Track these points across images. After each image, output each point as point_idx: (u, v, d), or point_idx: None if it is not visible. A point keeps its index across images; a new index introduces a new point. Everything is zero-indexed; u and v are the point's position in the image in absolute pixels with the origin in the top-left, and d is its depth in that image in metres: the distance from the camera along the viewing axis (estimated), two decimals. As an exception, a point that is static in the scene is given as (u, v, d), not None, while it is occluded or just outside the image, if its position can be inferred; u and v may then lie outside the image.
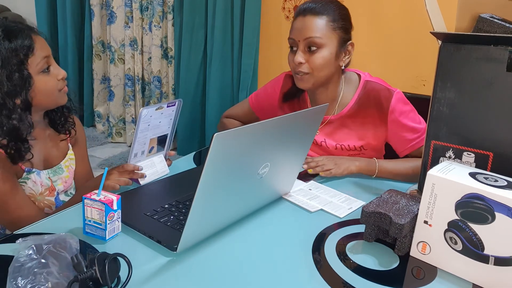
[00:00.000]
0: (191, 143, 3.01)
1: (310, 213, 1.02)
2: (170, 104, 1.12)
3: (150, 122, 1.08)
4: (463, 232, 0.79)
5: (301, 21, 1.22)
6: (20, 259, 0.70)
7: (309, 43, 1.20)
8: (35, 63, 1.02)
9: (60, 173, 1.17)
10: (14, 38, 1.00)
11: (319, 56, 1.21)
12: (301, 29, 1.21)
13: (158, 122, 1.10)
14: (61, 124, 1.18)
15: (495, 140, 0.89)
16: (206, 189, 0.77)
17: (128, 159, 1.08)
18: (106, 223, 0.85)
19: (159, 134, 1.13)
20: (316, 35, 1.19)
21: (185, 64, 2.86)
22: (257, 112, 1.47)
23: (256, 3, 2.53)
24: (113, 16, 3.07)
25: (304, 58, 1.21)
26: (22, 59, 1.00)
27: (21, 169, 1.07)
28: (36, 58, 1.03)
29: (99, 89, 3.29)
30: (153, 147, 1.13)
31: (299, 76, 1.24)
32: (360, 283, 0.79)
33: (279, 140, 0.91)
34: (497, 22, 1.12)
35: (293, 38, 1.23)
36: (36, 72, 1.03)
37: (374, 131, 1.29)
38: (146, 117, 1.05)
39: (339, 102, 1.31)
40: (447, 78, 0.93)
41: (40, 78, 1.04)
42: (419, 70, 2.17)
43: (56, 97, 1.08)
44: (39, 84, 1.03)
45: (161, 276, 0.78)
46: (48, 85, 1.05)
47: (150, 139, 1.11)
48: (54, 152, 1.18)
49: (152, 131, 1.10)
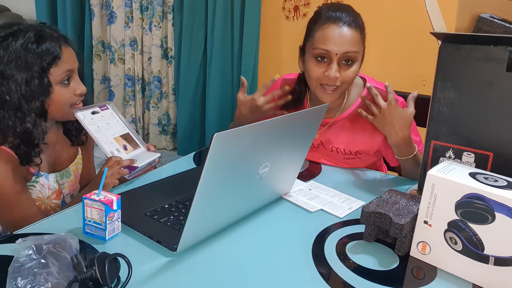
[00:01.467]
0: (191, 143, 3.01)
1: (310, 213, 1.02)
2: (103, 108, 1.14)
3: (98, 124, 1.09)
4: (463, 232, 0.79)
5: (338, 32, 1.13)
6: (20, 259, 0.70)
7: (347, 57, 1.14)
8: (57, 73, 1.03)
9: (67, 177, 1.18)
10: (42, 44, 1.01)
11: (353, 70, 1.16)
12: (339, 41, 1.13)
13: (106, 124, 1.12)
14: (75, 135, 1.19)
15: (495, 140, 0.89)
16: (206, 189, 0.77)
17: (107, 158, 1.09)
18: (106, 223, 0.85)
19: (120, 133, 1.15)
20: (355, 49, 1.14)
21: (185, 64, 2.86)
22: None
23: (256, 3, 2.54)
24: (113, 16, 3.07)
25: (338, 71, 1.15)
26: (45, 67, 1.01)
27: (30, 172, 1.07)
28: (59, 69, 1.04)
29: (99, 89, 3.29)
30: (125, 145, 1.14)
31: (328, 89, 1.18)
32: (360, 283, 0.79)
33: (279, 140, 0.91)
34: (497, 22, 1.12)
35: (328, 50, 1.13)
36: (56, 83, 1.04)
37: (372, 137, 1.27)
38: (87, 119, 1.08)
39: (344, 105, 1.29)
40: (447, 78, 0.93)
41: (58, 88, 1.04)
42: (419, 70, 2.17)
43: (66, 111, 1.08)
44: (55, 94, 1.04)
45: (161, 276, 0.78)
46: (63, 97, 1.06)
47: (114, 138, 1.12)
48: (63, 156, 1.18)
49: (109, 131, 1.12)
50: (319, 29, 1.16)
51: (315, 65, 1.17)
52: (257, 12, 2.56)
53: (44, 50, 1.01)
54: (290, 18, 2.54)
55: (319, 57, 1.16)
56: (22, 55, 1.00)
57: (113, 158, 1.07)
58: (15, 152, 1.02)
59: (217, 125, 2.82)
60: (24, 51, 1.00)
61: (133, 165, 1.09)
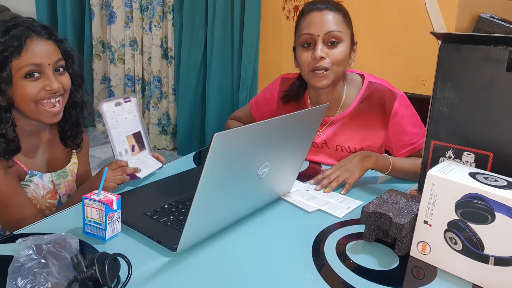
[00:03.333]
0: (191, 143, 3.01)
1: (310, 214, 1.02)
2: (126, 100, 1.13)
3: (117, 118, 1.09)
4: (463, 232, 0.79)
5: (318, 16, 1.19)
6: (20, 259, 0.70)
7: (330, 37, 1.18)
8: (18, 66, 0.98)
9: (64, 177, 1.17)
10: (7, 35, 0.98)
11: (340, 50, 1.19)
12: (320, 23, 1.18)
13: (124, 118, 1.11)
14: (69, 139, 1.17)
15: (495, 140, 0.89)
16: (206, 189, 0.77)
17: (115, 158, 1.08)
18: (106, 223, 0.85)
19: (132, 131, 1.15)
20: (337, 29, 1.18)
21: (185, 64, 2.86)
22: (257, 118, 1.46)
23: (256, 3, 2.53)
24: (113, 16, 3.07)
25: (324, 52, 1.18)
26: (6, 57, 0.97)
27: (24, 171, 1.07)
28: (21, 62, 0.98)
29: (99, 89, 3.29)
30: (134, 145, 1.15)
31: (319, 73, 1.20)
32: (360, 283, 0.79)
33: (279, 140, 0.91)
34: (497, 22, 1.12)
35: (311, 33, 1.19)
36: (20, 76, 0.99)
37: (375, 133, 1.28)
38: (109, 112, 1.07)
39: (343, 103, 1.30)
40: (447, 78, 0.93)
41: (21, 82, 0.99)
42: (419, 70, 2.17)
43: (33, 109, 1.01)
44: (17, 88, 0.99)
45: (161, 276, 0.78)
46: (25, 92, 0.99)
47: (126, 137, 1.12)
48: (59, 156, 1.18)
49: (123, 128, 1.11)
50: (302, 20, 1.22)
51: (303, 52, 1.22)
52: (257, 12, 2.55)
53: (7, 40, 0.97)
54: (290, 18, 2.54)
55: (305, 43, 1.21)
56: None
57: (118, 162, 1.07)
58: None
59: (217, 125, 2.82)
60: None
61: (136, 174, 1.10)
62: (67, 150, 1.19)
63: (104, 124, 1.08)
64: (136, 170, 1.10)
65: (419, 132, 1.24)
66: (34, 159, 1.10)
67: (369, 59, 2.21)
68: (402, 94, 1.25)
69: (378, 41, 2.23)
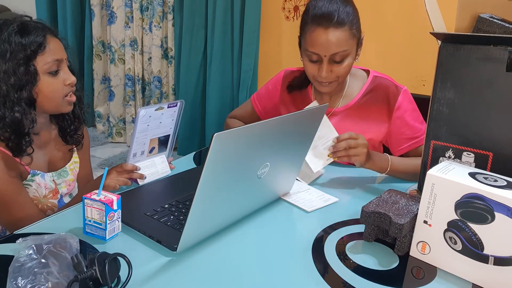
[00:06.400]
0: (191, 143, 3.01)
1: (310, 213, 1.02)
2: (172, 105, 1.10)
3: (149, 123, 1.07)
4: (462, 232, 0.79)
5: (324, 36, 1.15)
6: (20, 259, 0.70)
7: (336, 57, 1.17)
8: (43, 62, 1.02)
9: (65, 176, 1.17)
10: (26, 34, 1.01)
11: (345, 65, 1.19)
12: (325, 45, 1.15)
13: (158, 123, 1.09)
14: (70, 135, 1.18)
15: (495, 140, 0.89)
16: (206, 189, 0.77)
17: (127, 159, 1.08)
18: (106, 223, 0.85)
19: (160, 135, 1.13)
20: (343, 48, 1.16)
21: (185, 64, 2.86)
22: (259, 112, 1.47)
23: (256, 3, 2.54)
24: (113, 16, 3.08)
25: (330, 69, 1.19)
26: (29, 55, 1.00)
27: (26, 171, 1.07)
28: (46, 58, 1.02)
29: (99, 89, 3.29)
30: (154, 147, 1.13)
31: (324, 84, 1.22)
32: (360, 283, 0.79)
33: (279, 140, 0.91)
34: (497, 22, 1.12)
35: (317, 53, 1.17)
36: (43, 72, 1.03)
37: (377, 127, 1.29)
38: (145, 117, 1.05)
39: (345, 95, 1.31)
40: (447, 78, 0.93)
41: (46, 78, 1.03)
42: (419, 70, 2.17)
43: (58, 103, 1.07)
44: (43, 84, 1.03)
45: (161, 276, 0.78)
46: (52, 87, 1.04)
47: (150, 140, 1.10)
48: (59, 155, 1.18)
49: (152, 132, 1.09)
50: (308, 31, 1.19)
51: (309, 64, 1.22)
52: (257, 12, 2.56)
53: (28, 39, 1.00)
54: (290, 18, 2.54)
55: (311, 58, 1.21)
56: (7, 46, 0.99)
57: (123, 165, 1.07)
58: (6, 144, 1.01)
59: (217, 125, 2.82)
60: (8, 43, 0.99)
61: (140, 180, 1.10)
62: (68, 148, 1.20)
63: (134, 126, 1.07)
64: (142, 176, 1.10)
65: (421, 127, 1.25)
66: (35, 159, 1.10)
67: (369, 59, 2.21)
68: (406, 89, 1.28)
69: (378, 41, 2.23)
